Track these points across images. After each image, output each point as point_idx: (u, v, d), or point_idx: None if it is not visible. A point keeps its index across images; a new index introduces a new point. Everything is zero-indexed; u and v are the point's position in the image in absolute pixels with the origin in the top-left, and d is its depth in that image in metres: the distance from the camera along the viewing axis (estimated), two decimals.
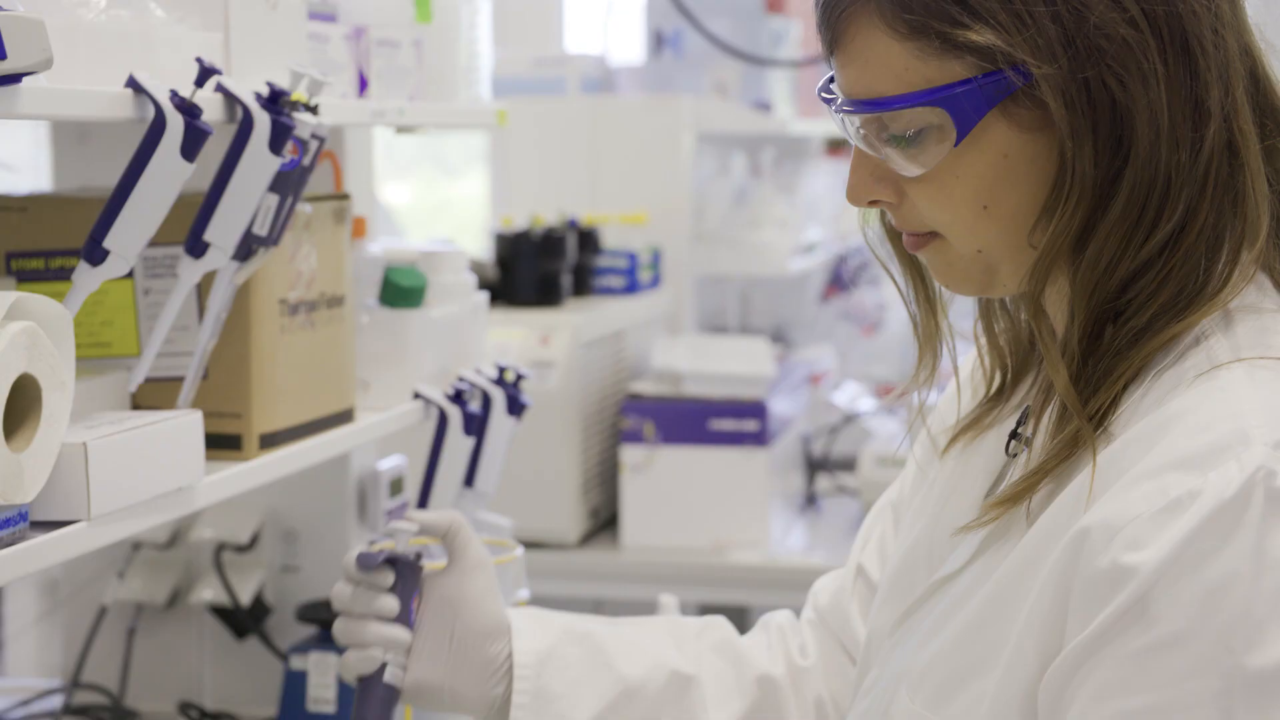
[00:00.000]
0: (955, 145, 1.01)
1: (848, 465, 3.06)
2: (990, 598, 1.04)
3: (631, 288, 2.97)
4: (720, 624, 1.35)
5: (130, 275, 1.39)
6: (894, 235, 1.13)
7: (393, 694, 1.24)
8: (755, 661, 1.32)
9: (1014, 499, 1.05)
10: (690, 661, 1.31)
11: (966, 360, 1.22)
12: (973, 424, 1.18)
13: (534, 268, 2.78)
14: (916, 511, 1.23)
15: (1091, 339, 1.02)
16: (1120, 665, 0.93)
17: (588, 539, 2.79)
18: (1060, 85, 0.99)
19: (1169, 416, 0.97)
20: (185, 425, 1.32)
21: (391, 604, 1.24)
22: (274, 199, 1.37)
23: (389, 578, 1.23)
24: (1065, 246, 1.02)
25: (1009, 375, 1.18)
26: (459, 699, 1.27)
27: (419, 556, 1.25)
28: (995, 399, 1.18)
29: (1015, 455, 1.13)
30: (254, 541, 1.96)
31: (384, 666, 1.23)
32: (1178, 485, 0.93)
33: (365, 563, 1.23)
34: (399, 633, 1.25)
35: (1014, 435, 1.14)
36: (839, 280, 3.84)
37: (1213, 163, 1.00)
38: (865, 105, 1.03)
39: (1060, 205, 1.01)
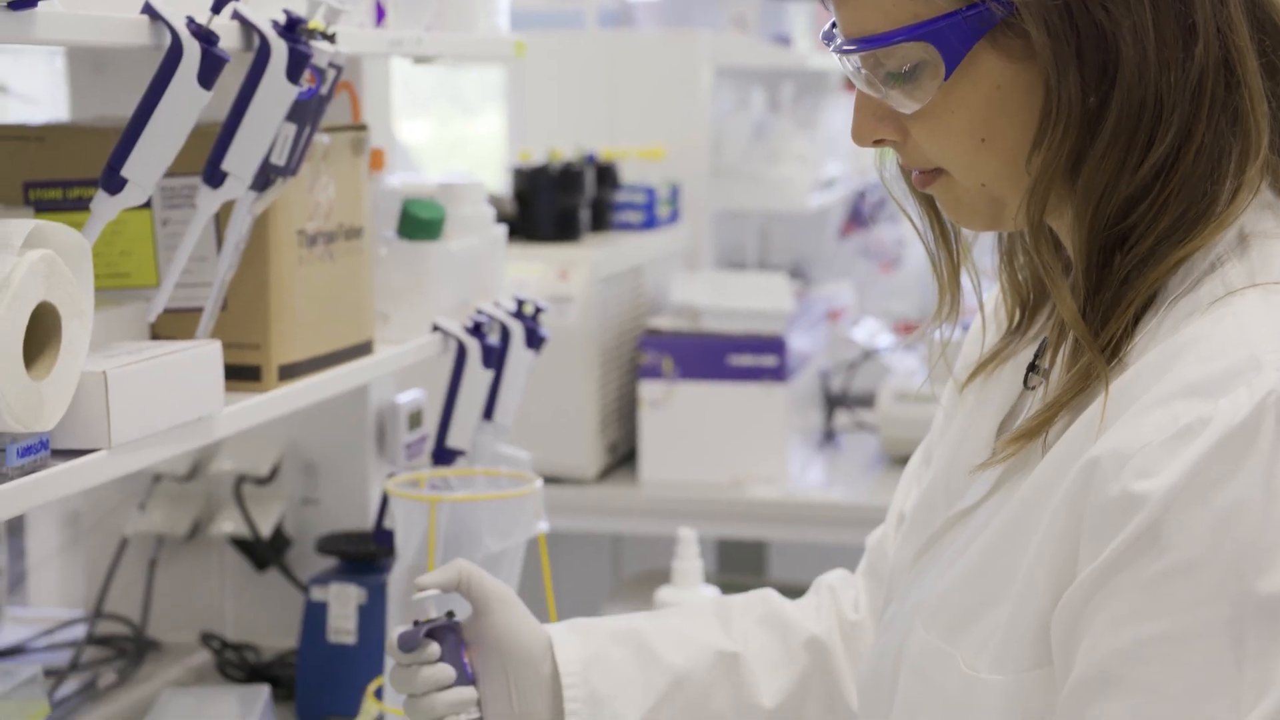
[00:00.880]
0: (945, 79, 1.02)
1: (866, 401, 3.06)
2: (1003, 529, 1.05)
3: (650, 223, 2.96)
4: (767, 596, 1.35)
5: (148, 205, 1.40)
6: (908, 173, 1.13)
7: None
8: (802, 627, 1.32)
9: (1030, 434, 1.05)
10: (736, 639, 1.31)
11: (990, 297, 1.22)
12: (991, 358, 1.18)
13: (552, 202, 2.78)
14: (940, 449, 1.23)
15: (1100, 269, 1.02)
16: (1132, 593, 0.93)
17: (606, 474, 2.80)
18: (1041, 13, 0.98)
19: (1182, 343, 0.97)
20: (205, 355, 1.32)
21: (446, 671, 1.26)
22: (291, 128, 1.37)
23: (435, 649, 1.26)
24: (1059, 174, 1.01)
25: (1027, 310, 1.18)
26: None
27: (451, 615, 1.27)
28: (1014, 334, 1.18)
29: (1033, 388, 1.13)
30: (274, 474, 1.98)
31: None
32: (1188, 412, 0.93)
33: (407, 644, 1.25)
34: (464, 694, 1.26)
35: (1032, 368, 1.14)
36: (858, 216, 3.83)
37: (1206, 82, 0.99)
38: (858, 44, 1.04)
39: (1049, 132, 1.00)
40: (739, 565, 3.09)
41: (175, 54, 1.22)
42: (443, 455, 1.80)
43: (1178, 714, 0.91)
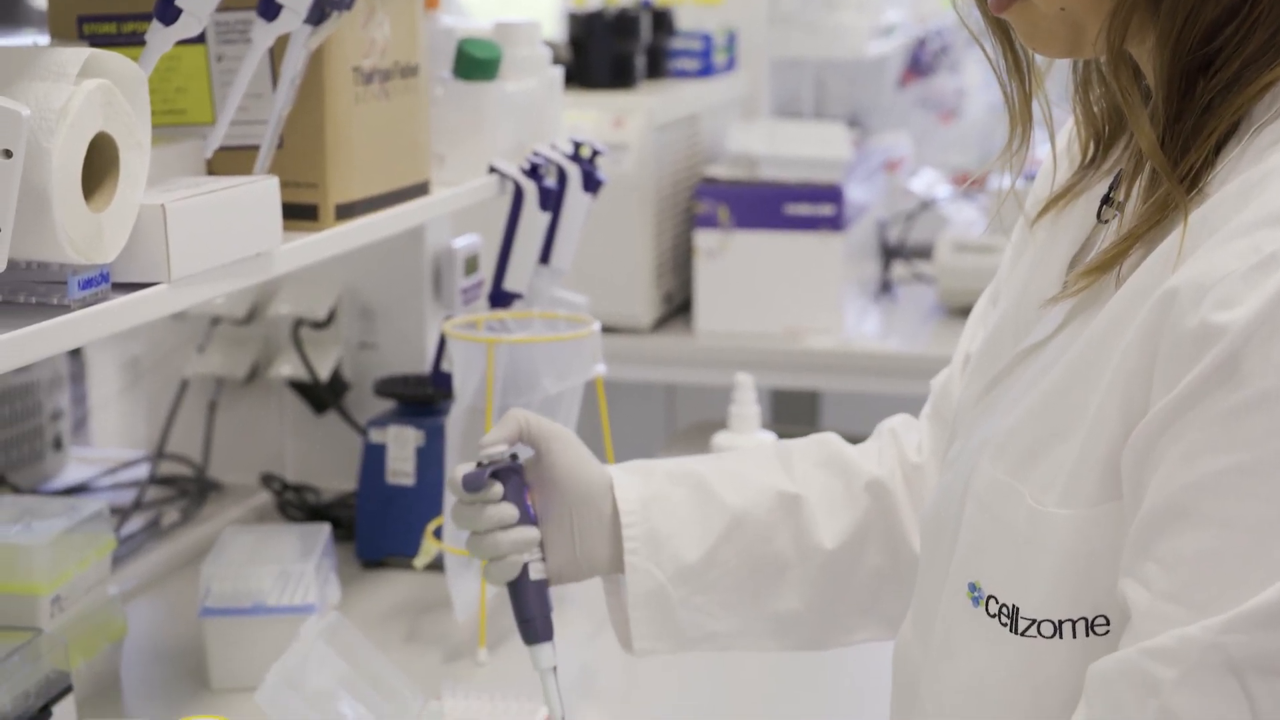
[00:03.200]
0: None
1: (924, 252, 3.03)
2: (1075, 363, 1.03)
3: (706, 70, 2.92)
4: (827, 440, 1.34)
5: (203, 40, 1.38)
6: (982, 3, 1.09)
7: (543, 585, 1.28)
8: (863, 470, 1.31)
9: (1103, 266, 1.03)
10: (797, 481, 1.31)
11: (1063, 132, 1.19)
12: (1063, 193, 1.15)
13: (607, 48, 2.74)
14: (1009, 285, 1.21)
15: (1181, 96, 0.99)
16: (1208, 426, 0.91)
17: (661, 324, 2.79)
18: None
19: (1266, 172, 0.94)
20: (263, 190, 1.31)
21: (510, 511, 1.26)
22: None
23: (498, 489, 1.26)
24: None
25: (1102, 143, 1.15)
26: (595, 565, 1.29)
27: (515, 457, 1.27)
28: (1088, 167, 1.15)
29: (1107, 221, 1.11)
30: (331, 318, 1.98)
31: (526, 566, 1.26)
32: (1272, 241, 0.90)
33: (472, 484, 1.25)
34: (528, 533, 1.27)
35: (1106, 201, 1.11)
36: (917, 65, 3.76)
37: None
38: None
39: None
40: (792, 415, 3.09)
41: None
42: (500, 298, 1.79)
43: (1250, 548, 0.89)
